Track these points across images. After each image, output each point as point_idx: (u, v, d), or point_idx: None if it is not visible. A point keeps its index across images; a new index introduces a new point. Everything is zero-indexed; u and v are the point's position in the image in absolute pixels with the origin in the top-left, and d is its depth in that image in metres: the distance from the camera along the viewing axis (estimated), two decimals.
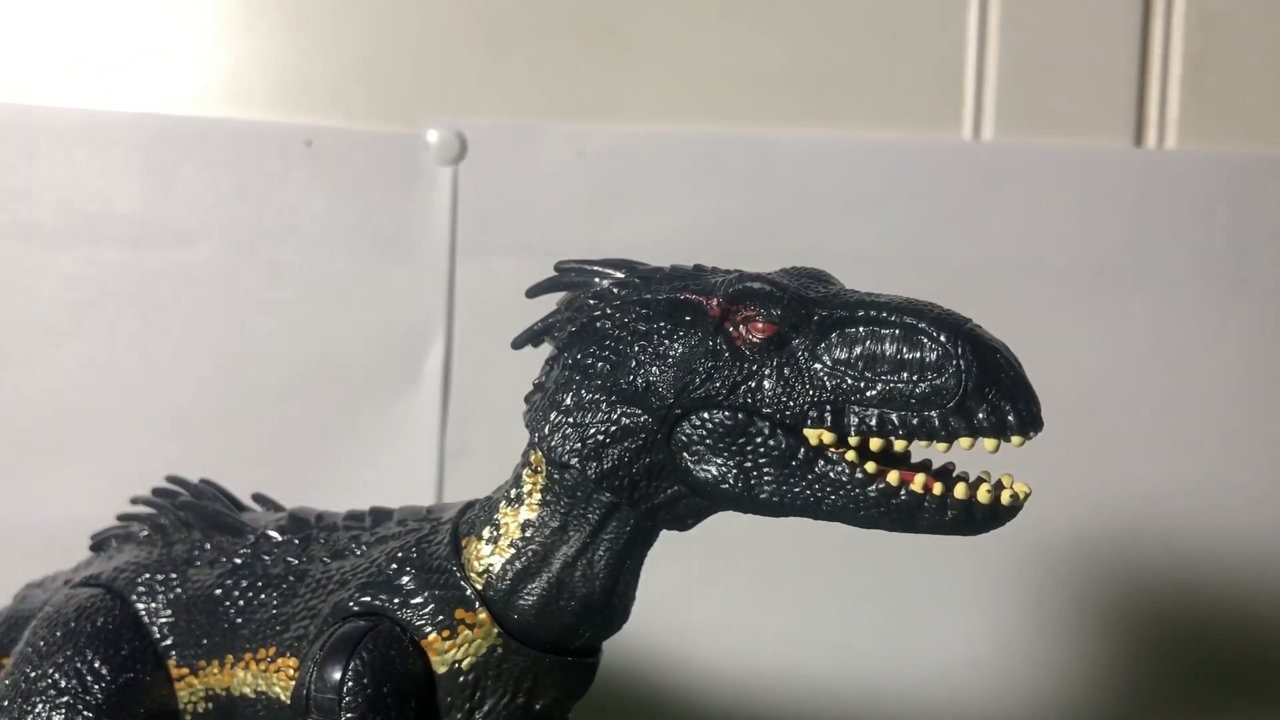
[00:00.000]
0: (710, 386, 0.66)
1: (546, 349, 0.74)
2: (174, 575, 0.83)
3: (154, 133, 1.22)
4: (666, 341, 0.68)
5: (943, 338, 0.63)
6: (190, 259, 1.23)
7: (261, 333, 1.24)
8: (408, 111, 1.25)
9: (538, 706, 0.73)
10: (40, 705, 0.79)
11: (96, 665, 0.79)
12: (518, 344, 0.74)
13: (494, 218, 1.26)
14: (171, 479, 0.91)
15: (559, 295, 0.75)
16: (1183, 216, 1.30)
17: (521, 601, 0.72)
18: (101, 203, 1.22)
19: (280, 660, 0.76)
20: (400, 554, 0.75)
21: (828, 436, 0.65)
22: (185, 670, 0.81)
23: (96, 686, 0.79)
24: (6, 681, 0.82)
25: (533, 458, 0.73)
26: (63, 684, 0.79)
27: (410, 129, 1.24)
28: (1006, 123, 1.31)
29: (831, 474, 0.65)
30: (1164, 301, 1.30)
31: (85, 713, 0.78)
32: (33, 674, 0.80)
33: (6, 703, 0.80)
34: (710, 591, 1.27)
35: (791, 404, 0.65)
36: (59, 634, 0.82)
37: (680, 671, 1.27)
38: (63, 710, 0.78)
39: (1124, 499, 1.30)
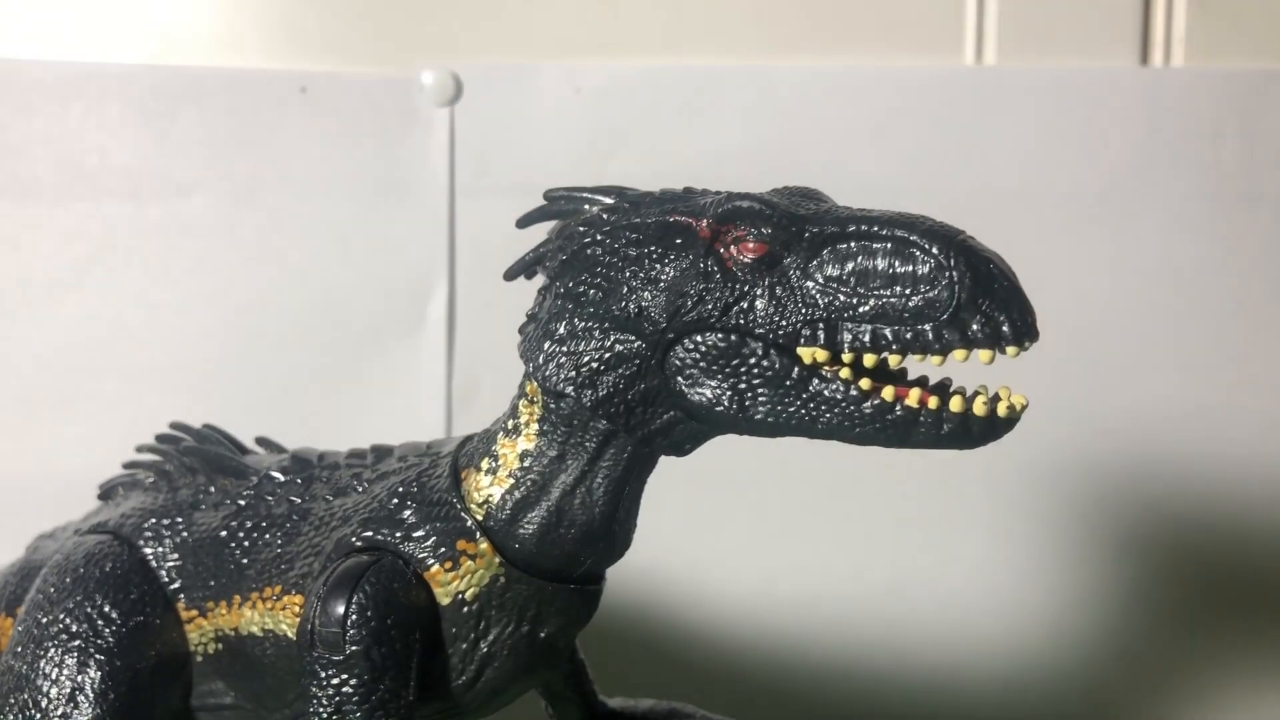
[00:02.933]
0: (702, 309, 0.66)
1: (540, 279, 0.74)
2: (179, 519, 0.83)
3: (149, 84, 1.21)
4: (657, 265, 0.67)
5: (935, 250, 0.63)
6: (189, 210, 1.23)
7: (263, 282, 1.24)
8: (402, 54, 1.23)
9: (542, 634, 0.74)
10: (52, 650, 0.79)
11: (106, 609, 0.80)
12: (509, 275, 0.74)
13: (492, 158, 1.25)
14: (175, 425, 0.91)
15: (550, 225, 0.74)
16: (1191, 136, 1.28)
17: (522, 530, 0.72)
18: (99, 156, 1.21)
19: (286, 598, 0.76)
20: (401, 488, 0.75)
21: (821, 354, 0.64)
22: (194, 612, 0.81)
23: (107, 630, 0.79)
24: (19, 628, 0.83)
25: (528, 388, 0.73)
26: (74, 628, 0.80)
27: (405, 71, 1.23)
28: (1009, 46, 1.28)
29: (826, 392, 0.65)
30: (1173, 222, 1.28)
31: (97, 656, 0.79)
32: (44, 620, 0.81)
33: (20, 648, 0.81)
34: (723, 524, 1.27)
35: (784, 323, 0.64)
36: (68, 580, 0.82)
37: (694, 605, 1.27)
38: (75, 654, 0.79)
39: (1136, 423, 1.29)
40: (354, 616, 0.69)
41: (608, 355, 0.68)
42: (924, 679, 1.30)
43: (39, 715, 0.78)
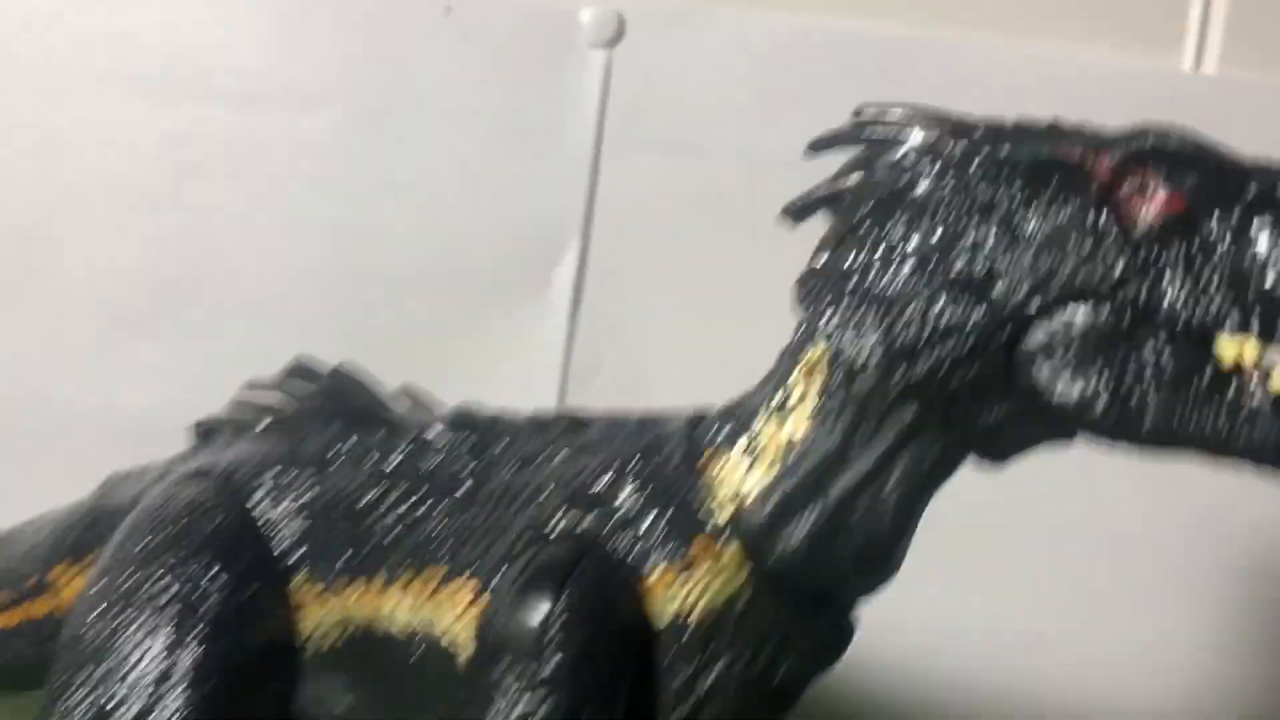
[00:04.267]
0: (1087, 277, 0.51)
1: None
2: (310, 474, 0.68)
3: None
4: (1023, 211, 0.52)
5: None
6: (309, 126, 1.11)
7: (380, 216, 1.12)
8: None
9: (778, 677, 0.59)
10: (144, 616, 0.64)
11: (215, 571, 0.65)
12: (794, 212, 0.59)
13: (648, 111, 1.11)
14: (301, 360, 0.76)
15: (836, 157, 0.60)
16: None
17: (784, 539, 0.57)
18: (215, 55, 1.09)
19: (454, 582, 0.61)
20: (618, 464, 0.60)
21: (1252, 351, 0.50)
22: (319, 590, 0.66)
23: (215, 596, 0.64)
24: (97, 586, 0.68)
25: (810, 355, 0.57)
26: (174, 589, 0.64)
27: (562, 4, 1.10)
28: (1233, 54, 1.17)
29: (1254, 404, 0.50)
30: None
31: (200, 626, 0.64)
32: (138, 574, 0.66)
33: (97, 610, 0.66)
34: None
35: (1200, 307, 0.50)
36: (166, 533, 0.67)
37: None
38: (174, 619, 0.64)
39: None
40: (560, 621, 0.55)
41: (936, 325, 0.53)
42: None
43: (121, 692, 0.63)
